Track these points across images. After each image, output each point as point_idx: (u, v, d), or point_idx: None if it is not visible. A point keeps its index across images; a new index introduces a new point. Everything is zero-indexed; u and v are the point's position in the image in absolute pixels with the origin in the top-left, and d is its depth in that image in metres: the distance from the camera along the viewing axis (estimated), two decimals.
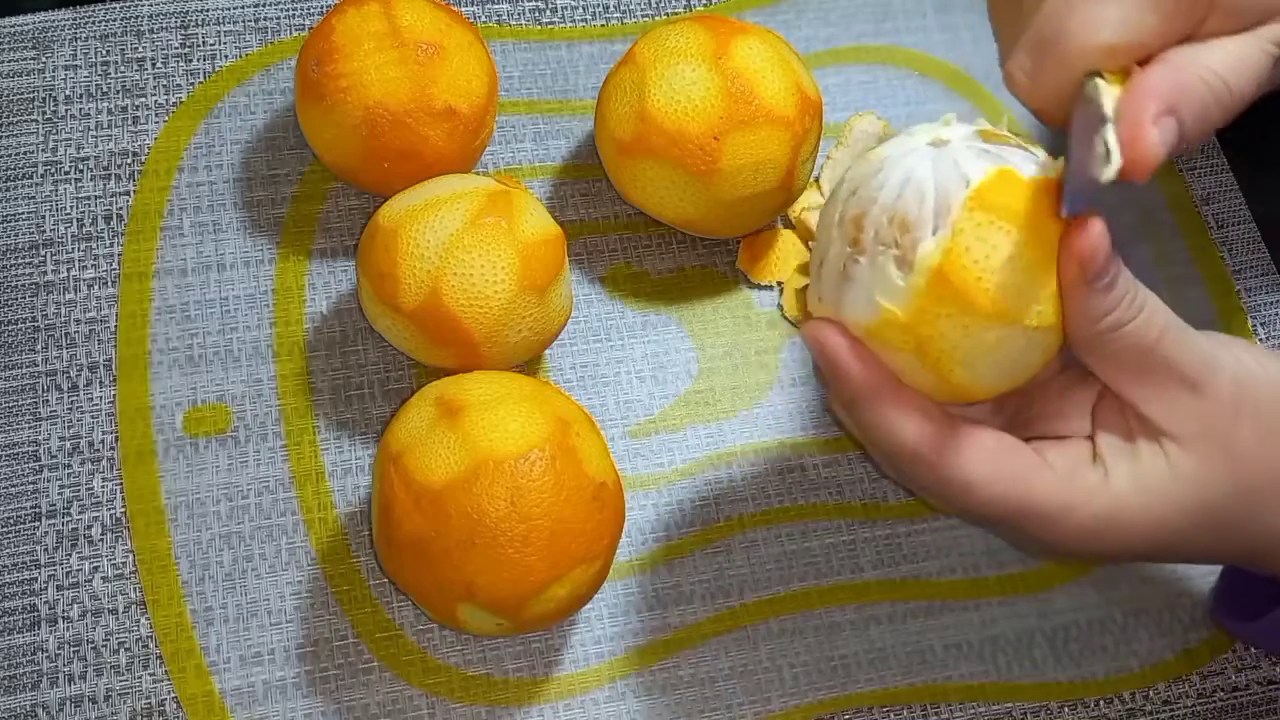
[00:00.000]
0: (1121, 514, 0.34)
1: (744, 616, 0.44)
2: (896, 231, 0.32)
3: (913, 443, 0.34)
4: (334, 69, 0.44)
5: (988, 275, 0.31)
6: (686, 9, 0.55)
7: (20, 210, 0.48)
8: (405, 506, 0.37)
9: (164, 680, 0.41)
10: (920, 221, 0.32)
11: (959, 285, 0.31)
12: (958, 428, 0.34)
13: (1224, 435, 0.34)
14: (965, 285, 0.31)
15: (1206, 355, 0.34)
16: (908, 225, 0.32)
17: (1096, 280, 0.32)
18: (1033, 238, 0.31)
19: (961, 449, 0.34)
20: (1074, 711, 0.44)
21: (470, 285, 0.40)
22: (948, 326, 0.32)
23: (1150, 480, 0.34)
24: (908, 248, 0.32)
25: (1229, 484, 0.34)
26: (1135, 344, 0.33)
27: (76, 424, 0.45)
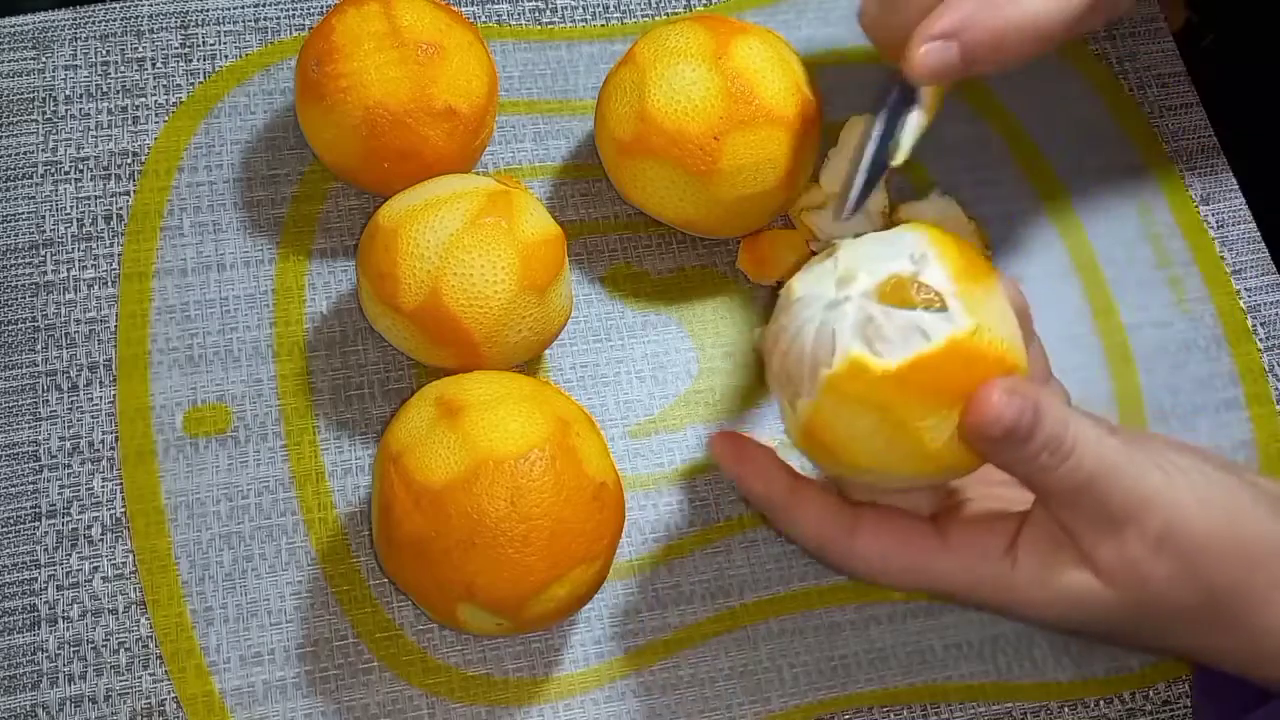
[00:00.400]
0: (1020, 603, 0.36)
1: (744, 616, 0.44)
2: (784, 379, 0.36)
3: (814, 537, 0.38)
4: (334, 69, 0.44)
5: (849, 442, 0.35)
6: (686, 9, 0.55)
7: (20, 210, 0.48)
8: (405, 506, 0.37)
9: (164, 680, 0.41)
10: (799, 379, 0.35)
11: (825, 445, 0.35)
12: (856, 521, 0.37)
13: (1142, 573, 0.34)
14: (830, 446, 0.35)
15: (1138, 494, 0.34)
16: (790, 379, 0.36)
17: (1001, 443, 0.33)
18: (889, 419, 0.34)
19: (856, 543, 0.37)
20: (1074, 711, 0.44)
21: (470, 285, 0.40)
22: (829, 466, 0.37)
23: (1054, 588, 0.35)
24: (791, 396, 0.36)
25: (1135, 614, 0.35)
26: (1061, 485, 0.34)
27: (76, 424, 0.45)
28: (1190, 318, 0.51)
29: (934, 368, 0.33)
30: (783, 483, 0.37)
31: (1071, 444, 0.34)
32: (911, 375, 0.33)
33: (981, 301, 0.34)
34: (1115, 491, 0.34)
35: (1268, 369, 0.51)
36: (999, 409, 0.32)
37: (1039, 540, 0.36)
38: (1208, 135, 0.55)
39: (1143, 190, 0.54)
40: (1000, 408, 0.32)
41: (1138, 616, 0.35)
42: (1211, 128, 0.55)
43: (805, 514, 0.37)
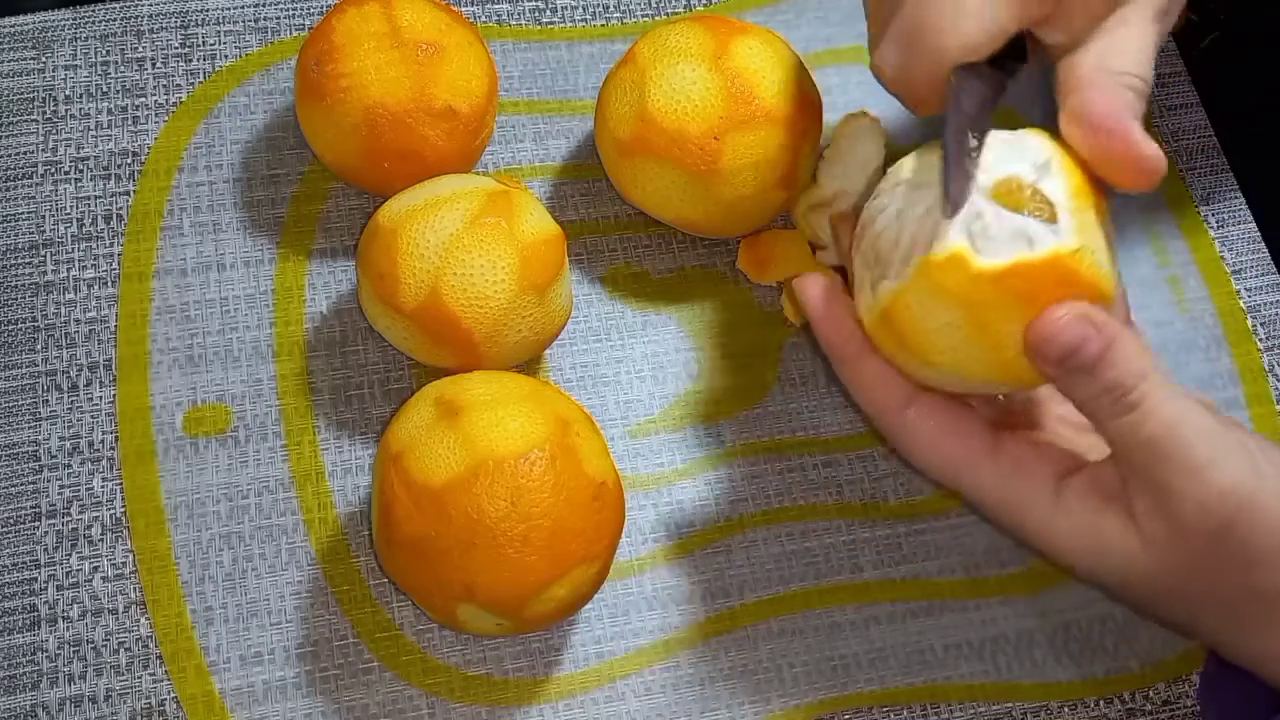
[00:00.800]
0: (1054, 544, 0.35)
1: (744, 616, 0.44)
2: (873, 258, 0.35)
3: (871, 398, 0.37)
4: (334, 69, 0.44)
5: (927, 333, 0.34)
6: (686, 9, 0.55)
7: (20, 210, 0.48)
8: (405, 506, 0.37)
9: (164, 680, 0.41)
10: (889, 261, 0.34)
11: (900, 331, 0.35)
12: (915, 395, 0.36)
13: (1186, 555, 0.33)
14: (906, 334, 0.35)
15: (1203, 478, 0.32)
16: (880, 259, 0.35)
17: (1059, 365, 0.32)
18: (973, 317, 0.33)
19: (912, 414, 0.36)
20: (1074, 711, 0.44)
21: (470, 285, 0.40)
22: (896, 354, 0.36)
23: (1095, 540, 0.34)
24: (876, 278, 0.35)
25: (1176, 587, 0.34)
26: (1120, 438, 0.33)
27: (76, 424, 0.45)
28: (1190, 318, 0.51)
29: (1031, 277, 0.32)
30: (859, 336, 0.36)
31: (1138, 398, 0.32)
32: (1007, 280, 0.32)
33: (1091, 224, 0.33)
34: (1178, 465, 0.32)
35: (1268, 369, 0.51)
36: (1061, 328, 0.32)
37: (1093, 487, 0.35)
38: (1208, 135, 0.55)
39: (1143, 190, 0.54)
40: (1062, 327, 0.32)
41: (1171, 589, 0.34)
42: (1211, 128, 0.55)
43: (870, 372, 0.36)
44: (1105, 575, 0.35)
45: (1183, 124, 0.55)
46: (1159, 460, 0.33)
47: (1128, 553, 0.34)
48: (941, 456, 0.36)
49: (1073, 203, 0.33)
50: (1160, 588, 0.34)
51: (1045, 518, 0.35)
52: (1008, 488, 0.35)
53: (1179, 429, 0.32)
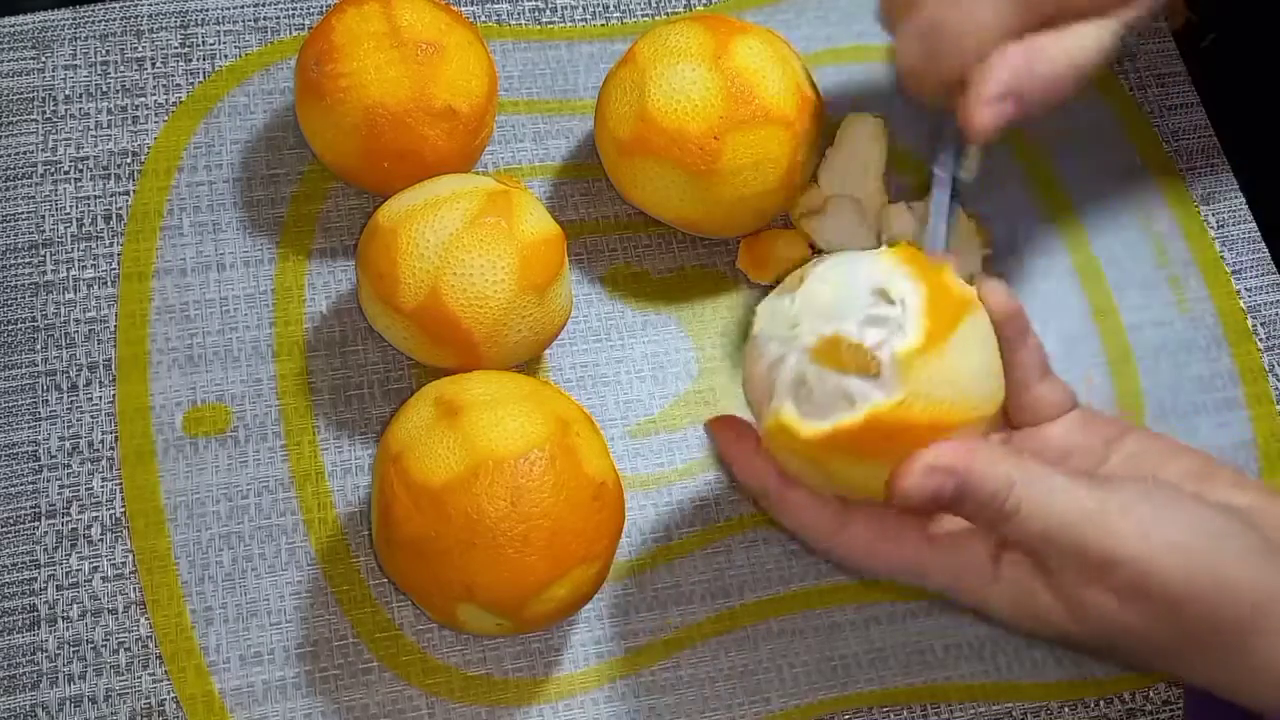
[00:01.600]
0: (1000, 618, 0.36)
1: (744, 616, 0.44)
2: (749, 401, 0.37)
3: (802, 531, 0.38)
4: (334, 69, 0.44)
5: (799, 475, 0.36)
6: (686, 9, 0.55)
7: (20, 210, 0.48)
8: (405, 506, 0.37)
9: (164, 680, 0.41)
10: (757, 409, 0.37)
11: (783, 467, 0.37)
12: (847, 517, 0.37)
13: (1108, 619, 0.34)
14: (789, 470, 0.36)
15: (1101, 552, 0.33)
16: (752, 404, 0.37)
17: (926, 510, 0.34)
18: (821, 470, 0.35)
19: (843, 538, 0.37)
20: (1074, 711, 0.44)
21: (470, 285, 0.40)
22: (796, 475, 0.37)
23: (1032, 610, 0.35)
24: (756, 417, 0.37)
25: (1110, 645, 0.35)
26: (1014, 538, 0.34)
27: (76, 424, 0.45)
28: (1190, 318, 0.51)
29: (854, 437, 0.33)
30: (774, 474, 0.37)
31: (1015, 504, 0.33)
32: (832, 442, 0.33)
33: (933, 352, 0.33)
34: (1074, 548, 0.33)
35: (1268, 369, 0.51)
36: (915, 486, 0.33)
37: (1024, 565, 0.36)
38: (1208, 135, 0.55)
39: (1143, 190, 0.54)
40: (915, 484, 0.33)
41: (1112, 648, 0.35)
42: (1211, 128, 0.55)
43: (795, 508, 0.37)
44: (1048, 638, 0.36)
45: (1183, 124, 0.55)
46: (1053, 550, 0.34)
47: (1061, 621, 0.35)
48: (884, 564, 0.37)
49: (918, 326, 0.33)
50: (1101, 646, 0.36)
51: (985, 592, 0.36)
52: (949, 572, 0.37)
53: (1064, 519, 0.33)
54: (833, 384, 0.33)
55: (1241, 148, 0.55)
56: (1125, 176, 0.54)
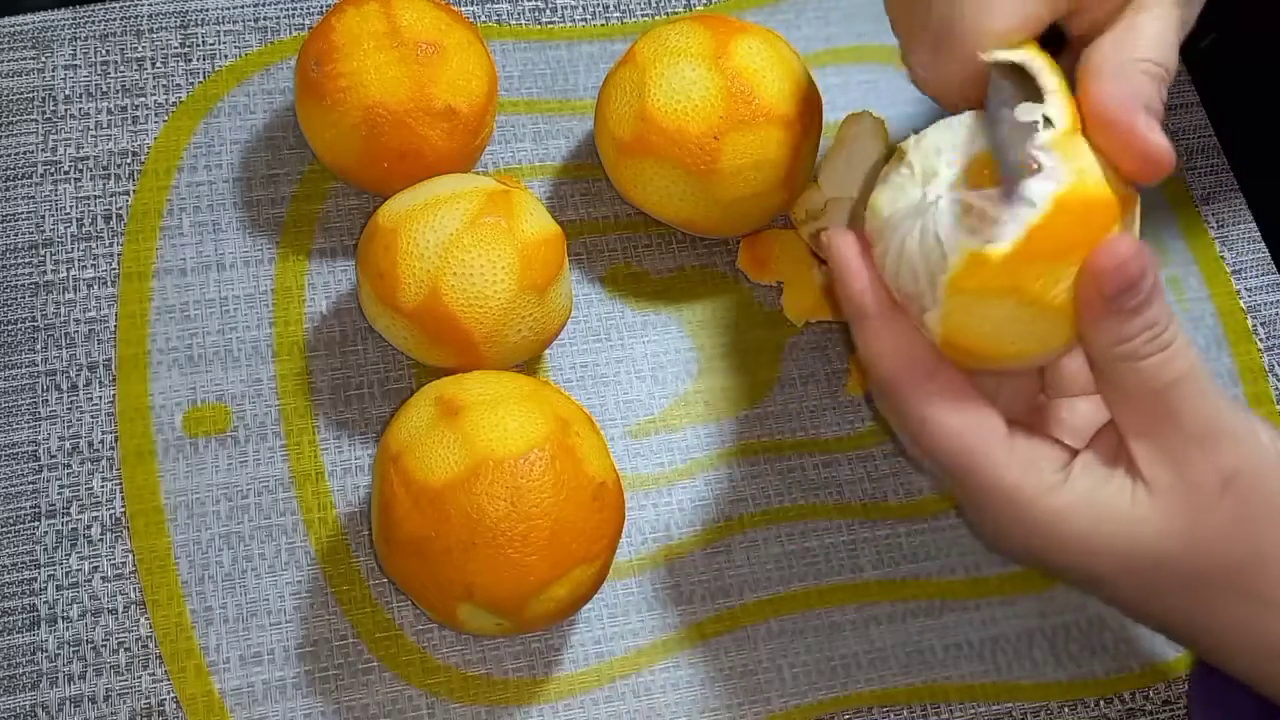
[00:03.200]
0: (1062, 524, 0.34)
1: (744, 616, 0.44)
2: (905, 302, 0.34)
3: (888, 366, 0.35)
4: (334, 68, 0.44)
5: (992, 336, 0.33)
6: (686, 8, 0.55)
7: (20, 210, 0.48)
8: (405, 506, 0.37)
9: (164, 680, 0.41)
10: (919, 295, 0.33)
11: (969, 349, 0.34)
12: (937, 369, 0.35)
13: (1198, 505, 0.33)
14: (974, 348, 0.34)
15: (1216, 422, 0.32)
16: (910, 297, 0.34)
17: (1115, 301, 0.31)
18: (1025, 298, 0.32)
19: (932, 389, 0.34)
20: (1074, 711, 0.44)
21: (470, 285, 0.40)
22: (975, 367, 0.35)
23: (1103, 507, 0.33)
24: (917, 314, 0.34)
25: (1179, 547, 0.33)
26: (1143, 382, 0.32)
27: (76, 424, 0.45)
28: (1190, 318, 0.51)
29: (1049, 233, 0.31)
30: (886, 297, 0.35)
31: (1171, 338, 0.32)
32: (1031, 247, 0.31)
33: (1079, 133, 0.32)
34: (1198, 408, 0.32)
35: (1268, 369, 0.51)
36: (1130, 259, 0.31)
37: (1097, 459, 0.34)
38: (1208, 135, 0.55)
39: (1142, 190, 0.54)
40: (1130, 259, 0.31)
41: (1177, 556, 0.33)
42: (1211, 128, 0.55)
43: (891, 338, 0.35)
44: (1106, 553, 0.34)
45: (1183, 124, 0.55)
46: (1179, 403, 0.32)
47: (1129, 518, 0.33)
48: (959, 436, 0.34)
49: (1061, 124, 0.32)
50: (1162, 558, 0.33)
51: (1049, 506, 0.34)
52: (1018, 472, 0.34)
53: (1198, 374, 0.32)
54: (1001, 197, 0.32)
55: (1241, 148, 0.55)
56: None
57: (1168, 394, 0.32)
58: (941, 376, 0.35)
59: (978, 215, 0.32)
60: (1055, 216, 0.31)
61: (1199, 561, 0.33)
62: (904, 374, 0.35)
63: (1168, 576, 0.34)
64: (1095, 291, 0.31)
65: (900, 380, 0.35)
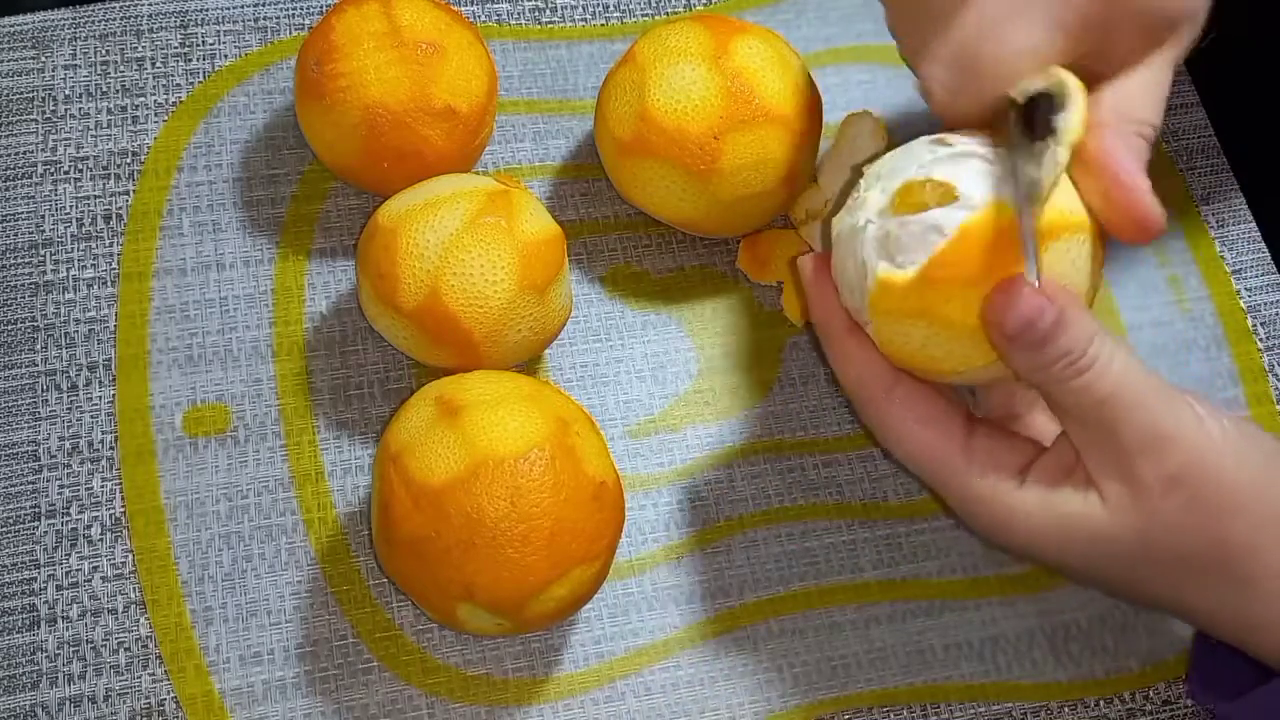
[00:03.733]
0: (1020, 523, 0.36)
1: (744, 616, 0.44)
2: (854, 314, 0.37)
3: (853, 382, 0.37)
4: (333, 68, 0.44)
5: (918, 352, 0.35)
6: (686, 8, 0.55)
7: (20, 210, 0.48)
8: (405, 506, 0.37)
9: (163, 680, 0.41)
10: (858, 311, 0.36)
11: (902, 360, 0.36)
12: (895, 383, 0.37)
13: (1148, 509, 0.34)
14: (907, 361, 0.36)
15: (1154, 430, 0.33)
16: (856, 312, 0.37)
17: (1014, 339, 0.33)
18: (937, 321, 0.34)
19: (890, 402, 0.37)
20: (1074, 711, 0.44)
21: (470, 285, 0.40)
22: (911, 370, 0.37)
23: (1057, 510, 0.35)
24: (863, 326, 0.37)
25: (1138, 549, 0.34)
26: (1075, 402, 0.34)
27: (76, 424, 0.45)
28: (1190, 318, 0.51)
29: (955, 259, 0.32)
30: (845, 319, 0.37)
31: (1091, 360, 0.33)
32: (934, 273, 0.33)
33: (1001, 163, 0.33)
34: (1133, 419, 0.33)
35: (1268, 369, 0.51)
36: (1021, 302, 0.32)
37: (1052, 465, 0.35)
38: (1208, 135, 0.55)
39: None
40: (1022, 301, 0.32)
41: (1138, 554, 0.34)
42: (1211, 128, 0.55)
43: (855, 357, 0.37)
44: (1072, 555, 0.35)
45: (1183, 124, 0.55)
46: (1114, 417, 0.33)
47: (1090, 523, 0.34)
48: (918, 445, 0.37)
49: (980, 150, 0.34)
50: (1127, 556, 0.35)
51: (1007, 507, 0.36)
52: (975, 482, 0.36)
53: (1129, 385, 0.33)
54: (918, 224, 0.33)
55: (1241, 148, 0.55)
56: None
57: (1101, 411, 0.33)
58: (899, 390, 0.37)
59: (894, 241, 0.34)
60: (960, 245, 0.33)
61: (1158, 555, 0.34)
62: (864, 390, 0.37)
63: (1130, 569, 0.35)
64: (995, 329, 0.33)
65: (861, 396, 0.37)
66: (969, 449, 0.36)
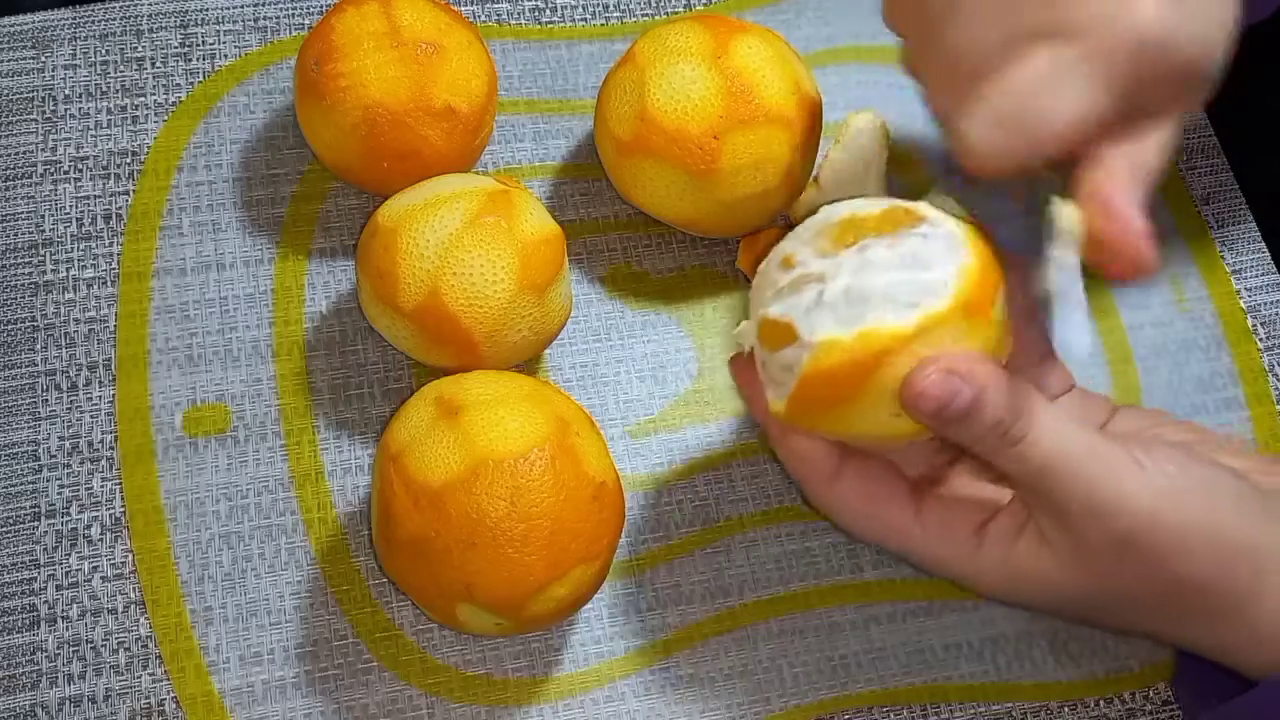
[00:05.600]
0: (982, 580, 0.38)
1: (744, 616, 0.44)
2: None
3: (797, 472, 0.39)
4: (333, 68, 0.44)
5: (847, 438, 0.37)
6: (686, 8, 0.55)
7: (20, 210, 0.48)
8: (405, 506, 0.37)
9: (163, 680, 0.41)
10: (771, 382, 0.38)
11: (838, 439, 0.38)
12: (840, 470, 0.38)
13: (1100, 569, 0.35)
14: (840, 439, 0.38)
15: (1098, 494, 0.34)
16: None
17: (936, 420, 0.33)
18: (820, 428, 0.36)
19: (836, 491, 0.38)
20: (1074, 711, 0.44)
21: (470, 285, 0.40)
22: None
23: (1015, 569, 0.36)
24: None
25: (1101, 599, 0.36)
26: (1016, 469, 0.34)
27: (76, 424, 0.45)
28: (1190, 318, 0.51)
29: (811, 395, 0.34)
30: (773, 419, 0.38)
31: (1020, 432, 0.33)
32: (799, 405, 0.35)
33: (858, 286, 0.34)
34: (1073, 489, 0.34)
35: (1268, 369, 0.51)
36: (933, 385, 0.32)
37: (1006, 524, 0.37)
38: (1208, 135, 0.55)
39: None
40: (934, 383, 0.32)
41: (1101, 603, 0.36)
42: (1211, 128, 0.55)
43: (792, 452, 0.38)
44: (1033, 601, 0.37)
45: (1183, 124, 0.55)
46: (1052, 485, 0.34)
47: (1044, 576, 0.36)
48: (870, 525, 0.38)
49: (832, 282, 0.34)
50: (1086, 602, 0.36)
51: (970, 566, 0.37)
52: (933, 548, 0.38)
53: (1065, 453, 0.34)
54: (778, 362, 0.35)
55: (1241, 148, 0.55)
56: None
57: (1042, 477, 0.34)
58: (843, 478, 0.38)
59: (767, 371, 0.36)
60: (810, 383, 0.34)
61: (1116, 606, 0.36)
62: (809, 483, 0.39)
63: (1098, 611, 0.37)
64: (912, 412, 0.33)
65: (808, 488, 0.39)
66: (921, 518, 0.38)
